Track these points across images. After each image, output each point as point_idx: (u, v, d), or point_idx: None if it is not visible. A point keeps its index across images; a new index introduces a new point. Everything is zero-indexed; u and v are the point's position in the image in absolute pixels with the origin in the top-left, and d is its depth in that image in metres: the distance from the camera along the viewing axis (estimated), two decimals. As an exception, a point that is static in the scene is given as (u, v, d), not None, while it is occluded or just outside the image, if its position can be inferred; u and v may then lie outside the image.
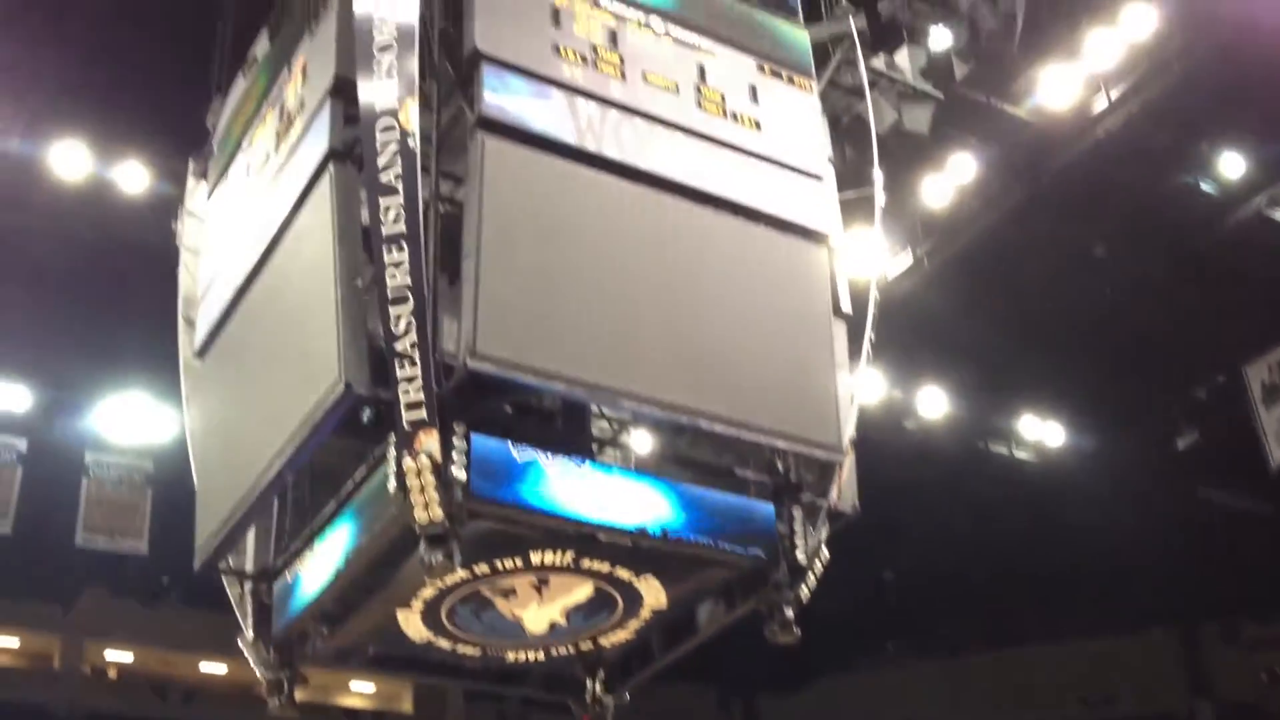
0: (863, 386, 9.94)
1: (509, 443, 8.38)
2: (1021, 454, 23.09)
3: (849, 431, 9.52)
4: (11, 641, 27.97)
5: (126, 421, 19.04)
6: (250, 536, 10.38)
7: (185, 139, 12.68)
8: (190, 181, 12.08)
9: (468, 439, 8.11)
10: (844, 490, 9.62)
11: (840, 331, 9.95)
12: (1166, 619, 29.68)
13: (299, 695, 10.14)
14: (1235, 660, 29.52)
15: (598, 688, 10.50)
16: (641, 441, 10.41)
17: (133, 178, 16.69)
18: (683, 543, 8.80)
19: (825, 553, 9.41)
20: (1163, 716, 30.01)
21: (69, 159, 16.50)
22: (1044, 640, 30.01)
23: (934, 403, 21.69)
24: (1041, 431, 22.88)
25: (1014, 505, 22.83)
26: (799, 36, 10.73)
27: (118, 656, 28.79)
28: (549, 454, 8.52)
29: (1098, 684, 30.27)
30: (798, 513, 9.40)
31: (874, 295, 10.20)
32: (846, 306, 10.07)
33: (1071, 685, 30.42)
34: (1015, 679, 30.91)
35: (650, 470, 9.68)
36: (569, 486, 8.50)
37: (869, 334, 10.01)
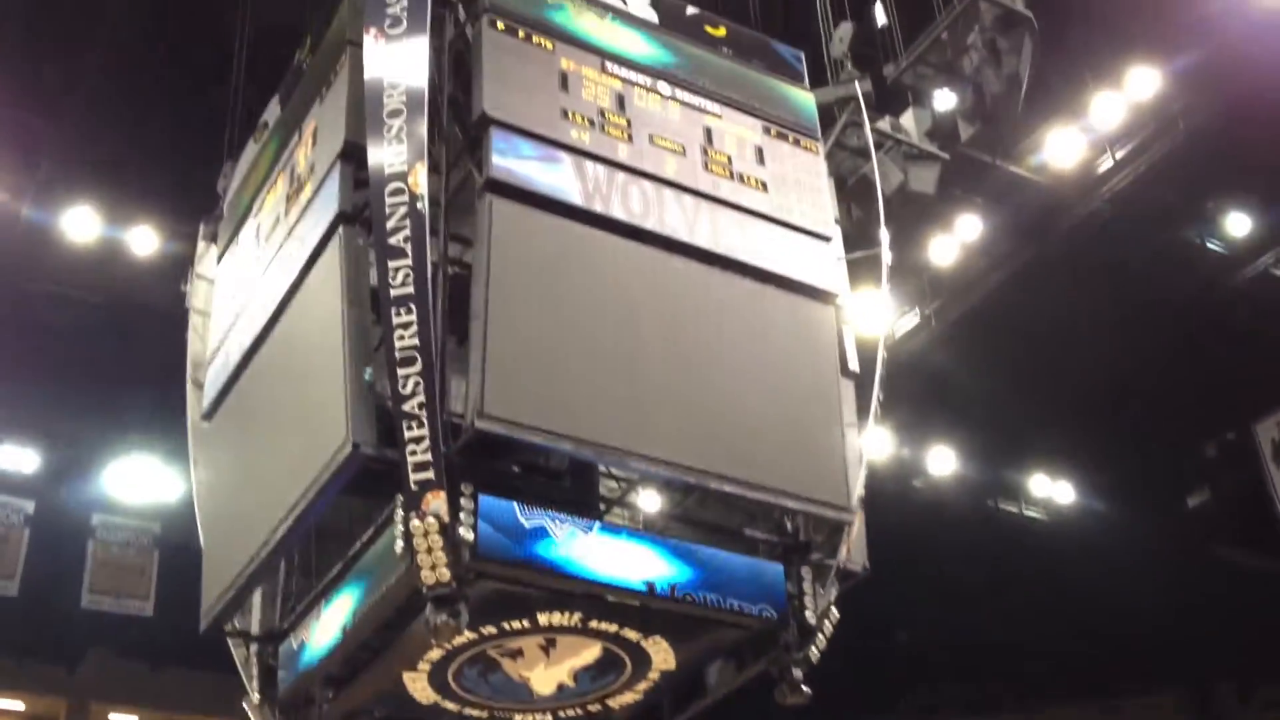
0: (871, 445, 9.93)
1: (516, 503, 8.36)
2: (1032, 513, 22.99)
3: (858, 491, 9.50)
4: (16, 704, 27.76)
5: (134, 484, 19.06)
6: (256, 598, 10.35)
7: (195, 203, 12.80)
8: (200, 245, 12.17)
9: (475, 499, 8.10)
10: (853, 550, 9.57)
11: (848, 391, 9.96)
12: (1179, 680, 29.34)
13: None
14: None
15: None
16: (649, 501, 10.39)
17: (143, 241, 16.81)
18: (691, 603, 8.75)
19: (835, 613, 9.36)
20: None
21: (80, 223, 16.63)
22: (1056, 701, 29.69)
23: (943, 461, 21.64)
24: (1051, 490, 22.80)
25: (1025, 564, 22.68)
26: (804, 99, 10.84)
27: (123, 719, 28.57)
28: (556, 514, 8.49)
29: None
30: (807, 572, 9.37)
31: (882, 354, 10.21)
32: (854, 365, 10.08)
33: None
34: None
35: (658, 530, 9.66)
36: (576, 547, 8.46)
37: (877, 393, 10.02)
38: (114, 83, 15.84)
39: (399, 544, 7.94)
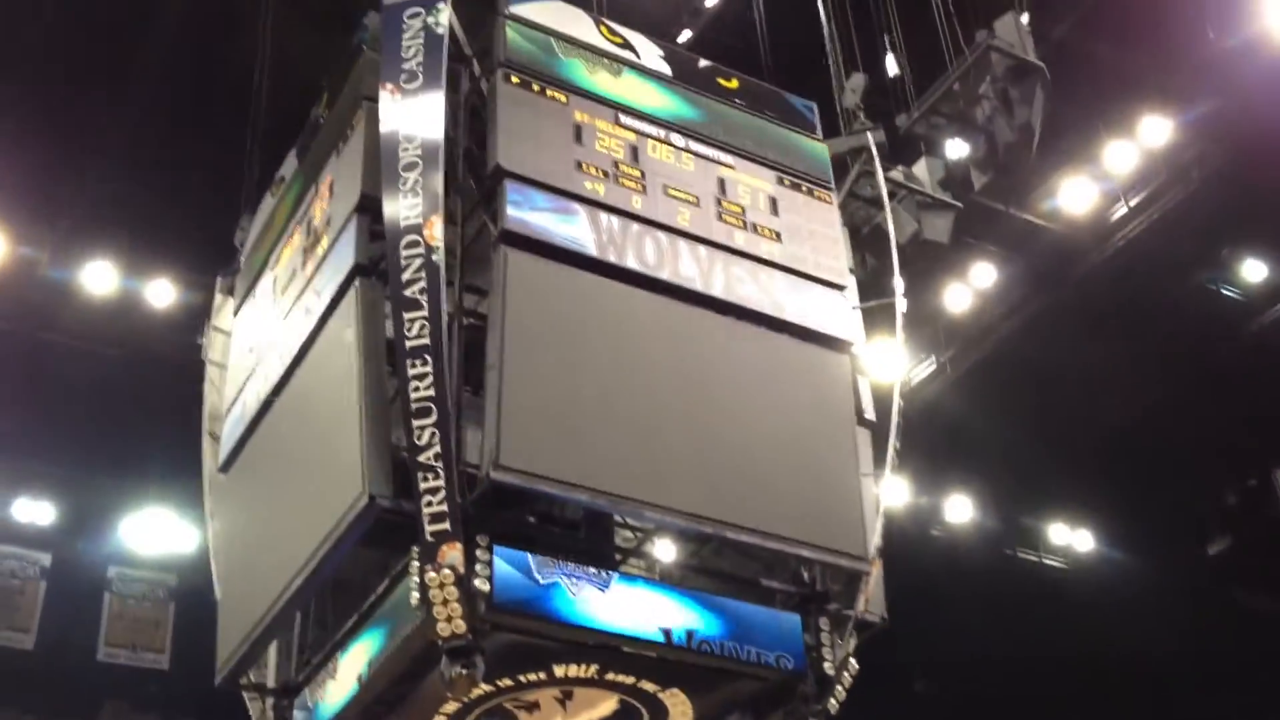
0: (888, 494, 9.90)
1: (532, 554, 8.34)
2: (1051, 561, 22.84)
3: (875, 540, 9.46)
4: (32, 758, 27.71)
5: (150, 536, 19.06)
6: (272, 651, 10.32)
7: (212, 256, 12.87)
8: (217, 298, 12.24)
9: (491, 550, 8.08)
10: (871, 599, 9.52)
11: (864, 439, 9.94)
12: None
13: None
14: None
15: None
16: (665, 551, 10.35)
17: (160, 294, 16.91)
18: (708, 654, 8.69)
19: (854, 663, 9.30)
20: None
21: (98, 277, 16.74)
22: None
23: (961, 509, 21.55)
24: (1070, 538, 22.66)
25: (1044, 613, 22.50)
26: (818, 150, 10.89)
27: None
28: (572, 565, 8.47)
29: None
30: (825, 623, 9.32)
31: (898, 402, 10.19)
32: (870, 414, 10.07)
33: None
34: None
35: (675, 580, 9.60)
36: (592, 597, 8.43)
37: (894, 441, 9.99)
38: (132, 138, 16.01)
39: (414, 596, 7.92)
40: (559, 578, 8.35)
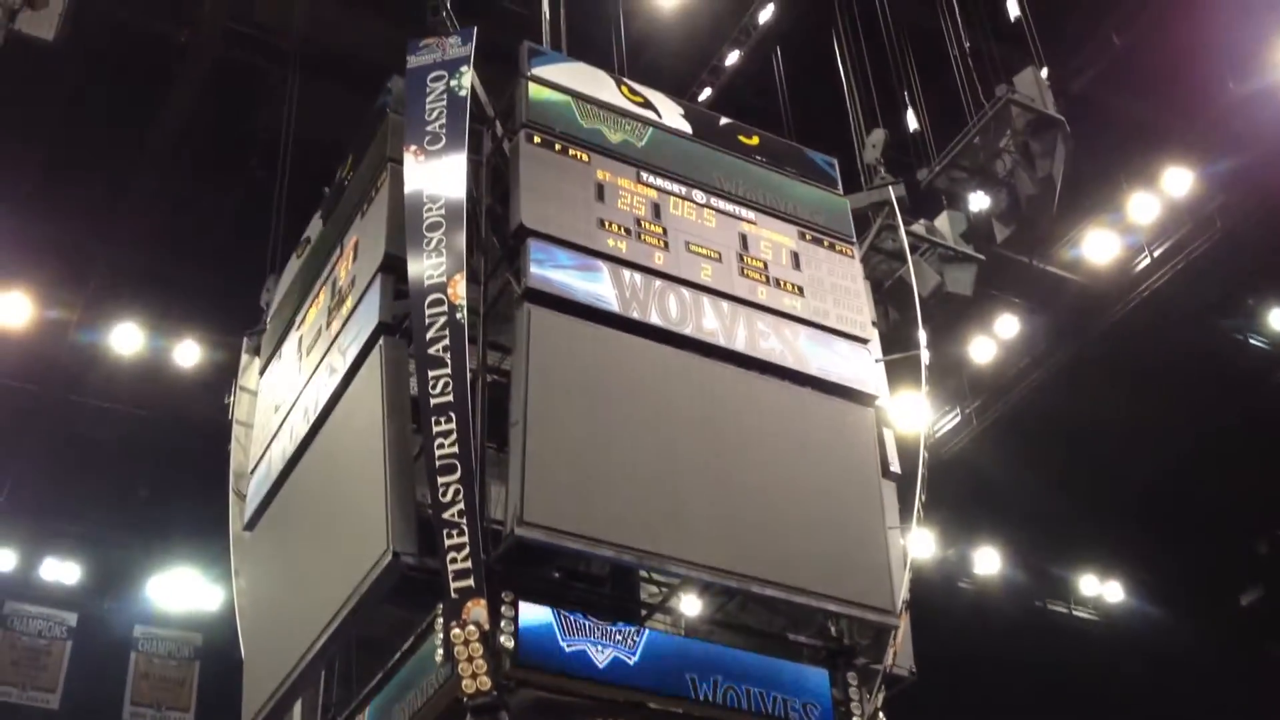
0: (915, 547, 9.86)
1: (557, 609, 8.32)
2: (1081, 613, 22.63)
3: (902, 593, 9.41)
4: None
5: (176, 595, 19.10)
6: (297, 708, 10.30)
7: (239, 317, 12.98)
8: (243, 358, 12.34)
9: (515, 607, 8.08)
10: (900, 652, 9.46)
11: (890, 492, 9.93)
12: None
13: None
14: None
15: None
16: (691, 606, 10.31)
17: (187, 354, 17.03)
18: (735, 709, 8.64)
19: (883, 717, 9.22)
20: None
21: (125, 338, 16.89)
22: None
23: (989, 561, 21.40)
24: (1100, 590, 22.47)
25: (1074, 665, 22.27)
26: (839, 204, 10.95)
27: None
28: (598, 620, 8.45)
29: None
30: (853, 677, 9.26)
31: (923, 454, 10.17)
32: (896, 467, 10.06)
33: None
34: None
35: (701, 635, 9.56)
36: (618, 653, 8.41)
37: (919, 494, 9.96)
38: (159, 201, 16.17)
39: (439, 653, 7.92)
40: (585, 633, 8.34)
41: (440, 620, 7.97)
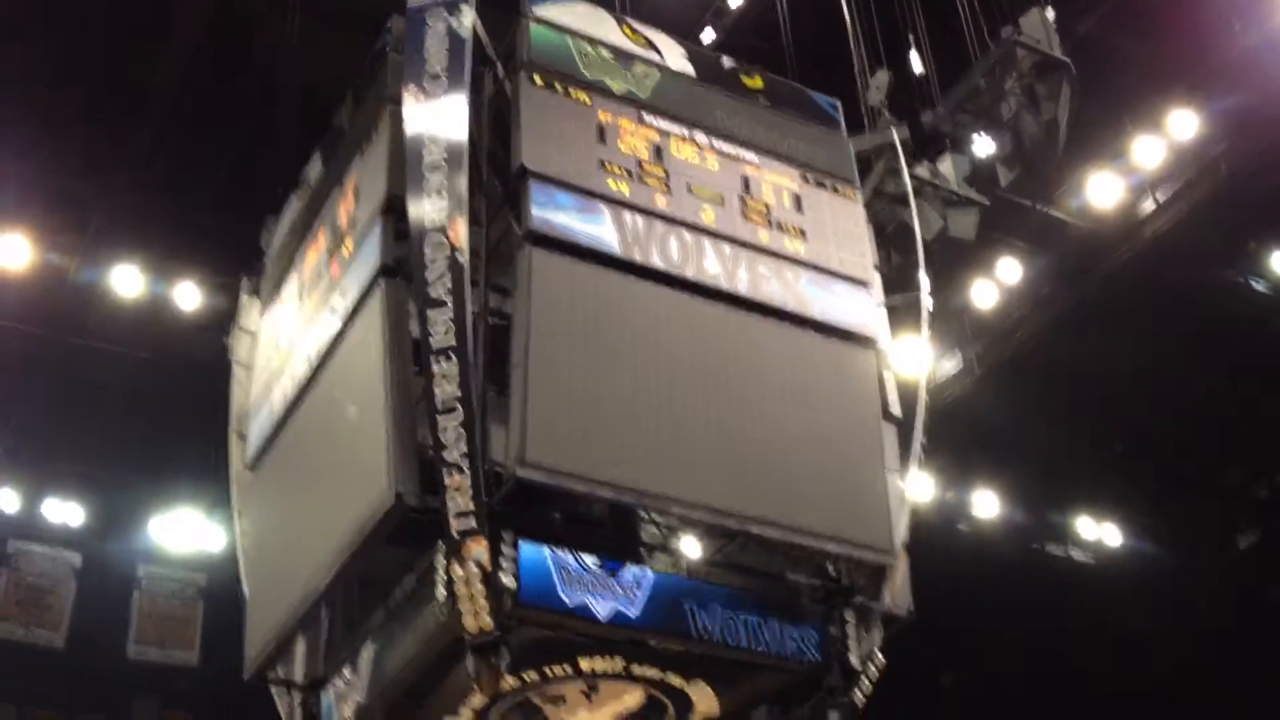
0: (914, 489, 9.90)
1: (558, 549, 8.38)
2: (1078, 555, 22.77)
3: (901, 534, 9.47)
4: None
5: (179, 535, 19.21)
6: (300, 647, 10.38)
7: (238, 259, 12.96)
8: (243, 299, 12.32)
9: (516, 546, 8.13)
10: (897, 594, 9.53)
11: (890, 435, 9.95)
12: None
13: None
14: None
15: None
16: (691, 547, 10.37)
17: (187, 296, 17.04)
18: (734, 648, 8.73)
19: (880, 657, 9.31)
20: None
21: (125, 280, 16.90)
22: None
23: (987, 505, 21.51)
24: (1098, 533, 22.59)
25: (1071, 608, 22.44)
26: (842, 147, 10.89)
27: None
28: (598, 560, 8.51)
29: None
30: (851, 616, 9.33)
31: (923, 398, 10.19)
32: (896, 410, 10.06)
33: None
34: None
35: (700, 575, 9.60)
36: (618, 593, 8.48)
37: (919, 436, 9.99)
38: (158, 143, 16.11)
39: (441, 591, 7.98)
40: (585, 572, 8.41)
41: (441, 560, 8.02)
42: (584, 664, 8.76)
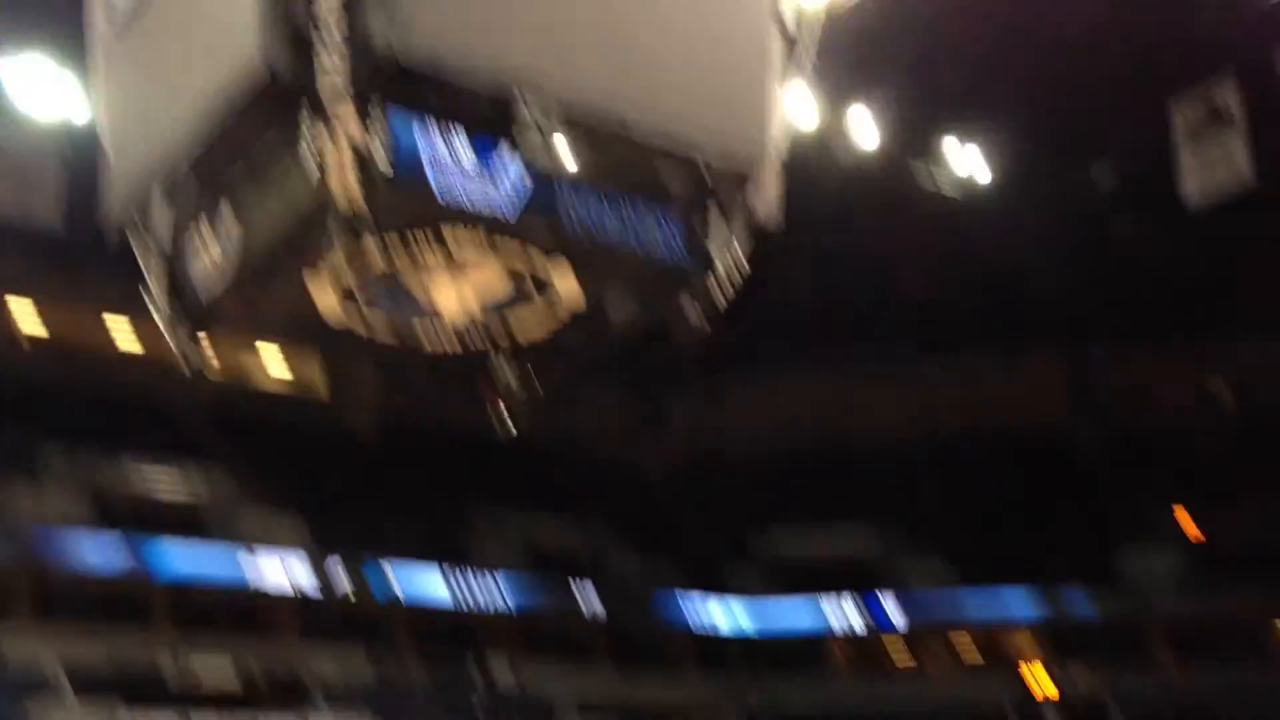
0: (796, 102, 9.85)
1: (432, 125, 8.25)
2: (944, 179, 23.31)
3: (777, 141, 9.48)
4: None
5: (33, 89, 18.48)
6: (163, 209, 10.21)
7: None
8: None
9: (386, 115, 8.00)
10: (767, 204, 9.65)
11: (777, 44, 9.78)
12: (1066, 339, 30.84)
13: (217, 366, 10.18)
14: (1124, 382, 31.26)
15: (512, 380, 10.66)
16: (564, 143, 10.28)
17: None
18: (599, 235, 8.83)
19: (744, 262, 9.51)
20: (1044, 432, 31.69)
21: None
22: (943, 358, 31.11)
23: (865, 126, 21.72)
24: (965, 156, 23.15)
25: (938, 227, 23.21)
26: None
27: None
28: (470, 146, 8.40)
29: (993, 403, 31.82)
30: (717, 219, 9.43)
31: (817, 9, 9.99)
32: (789, 22, 9.86)
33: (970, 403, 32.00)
34: (912, 392, 32.43)
35: (573, 173, 9.57)
36: (489, 180, 8.44)
37: (807, 49, 9.85)
38: None
39: (306, 158, 7.87)
40: (456, 153, 8.32)
41: (307, 128, 7.86)
42: (446, 233, 8.75)
